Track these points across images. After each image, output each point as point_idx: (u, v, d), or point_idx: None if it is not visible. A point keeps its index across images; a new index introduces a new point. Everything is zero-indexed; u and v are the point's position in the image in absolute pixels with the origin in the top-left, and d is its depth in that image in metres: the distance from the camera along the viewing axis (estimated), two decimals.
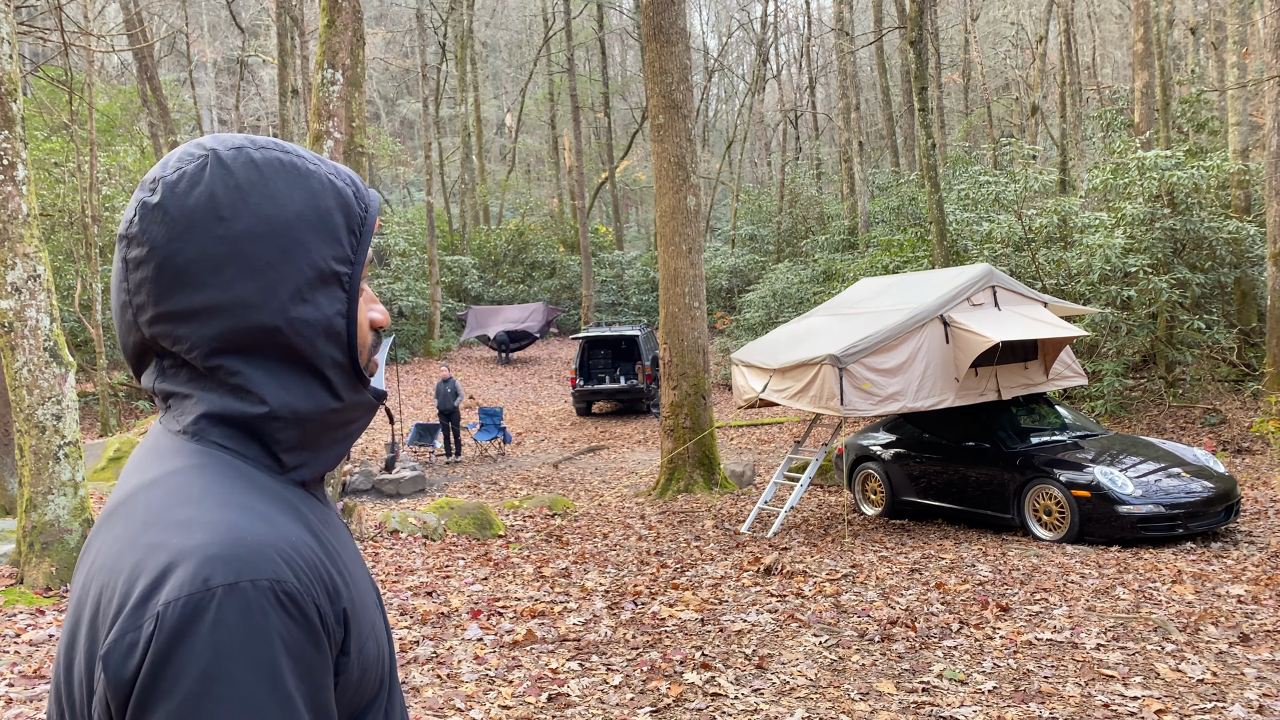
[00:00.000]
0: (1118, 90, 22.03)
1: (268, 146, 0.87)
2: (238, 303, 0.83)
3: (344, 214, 0.88)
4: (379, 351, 0.95)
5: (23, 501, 6.25)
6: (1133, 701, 3.90)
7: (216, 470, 0.82)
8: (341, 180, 0.89)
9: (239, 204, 0.83)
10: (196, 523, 0.76)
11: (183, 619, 0.70)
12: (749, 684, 4.26)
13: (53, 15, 14.19)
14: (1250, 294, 14.36)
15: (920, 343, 7.85)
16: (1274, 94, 11.44)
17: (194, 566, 0.72)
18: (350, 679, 0.82)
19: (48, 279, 6.32)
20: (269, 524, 0.78)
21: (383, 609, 0.97)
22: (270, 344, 0.84)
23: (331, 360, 0.87)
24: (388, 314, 0.93)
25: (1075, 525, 7.29)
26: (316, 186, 0.87)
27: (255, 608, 0.71)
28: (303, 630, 0.74)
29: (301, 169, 0.87)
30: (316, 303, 0.85)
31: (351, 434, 0.93)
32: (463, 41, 33.20)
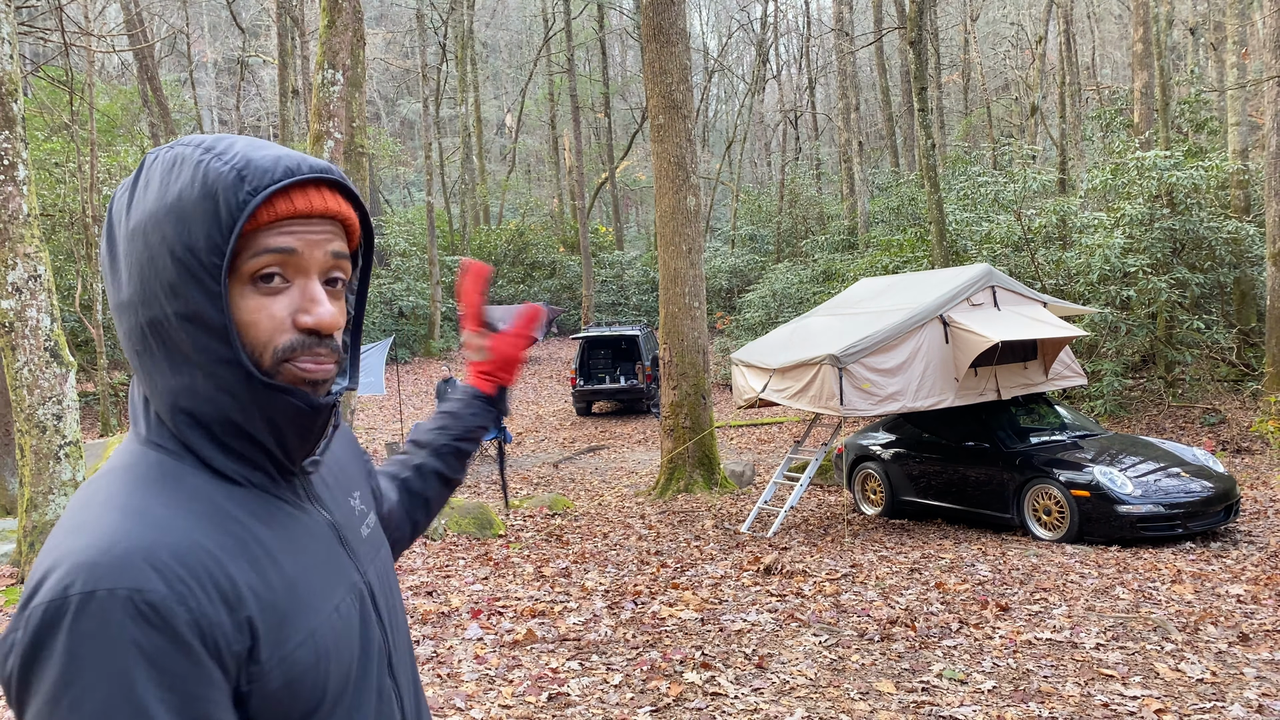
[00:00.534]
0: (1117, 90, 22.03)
1: (184, 143, 0.86)
2: (131, 300, 0.85)
3: (213, 200, 0.81)
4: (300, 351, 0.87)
5: (23, 501, 6.26)
6: (1132, 701, 3.90)
7: (140, 471, 0.84)
8: (229, 164, 0.82)
9: (136, 204, 0.85)
10: (85, 527, 0.77)
11: (43, 625, 0.72)
12: (749, 683, 4.27)
13: (53, 15, 14.19)
14: (1250, 294, 14.36)
15: (920, 343, 7.86)
16: (1273, 94, 11.45)
17: (61, 573, 0.73)
18: (267, 687, 0.80)
19: (48, 279, 6.33)
20: (158, 529, 0.78)
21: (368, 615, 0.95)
22: (160, 342, 0.85)
23: (215, 357, 0.83)
24: (327, 316, 0.86)
25: (1075, 525, 7.30)
26: (194, 175, 0.82)
27: (109, 617, 0.71)
28: (167, 639, 0.73)
29: (190, 160, 0.84)
30: (188, 296, 0.82)
31: (285, 435, 0.88)
32: (463, 42, 33.22)
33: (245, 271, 0.84)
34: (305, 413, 0.87)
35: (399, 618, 1.04)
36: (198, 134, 0.89)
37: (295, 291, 0.86)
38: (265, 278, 0.84)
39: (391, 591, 1.03)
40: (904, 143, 27.69)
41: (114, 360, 20.32)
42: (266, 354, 0.85)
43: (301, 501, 0.94)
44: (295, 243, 0.85)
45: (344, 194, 0.91)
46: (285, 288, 0.85)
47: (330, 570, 0.91)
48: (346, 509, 1.02)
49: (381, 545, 1.06)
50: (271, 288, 0.85)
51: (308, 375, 0.86)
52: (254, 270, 0.84)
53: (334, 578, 0.91)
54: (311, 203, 0.86)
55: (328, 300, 0.87)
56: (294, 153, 0.87)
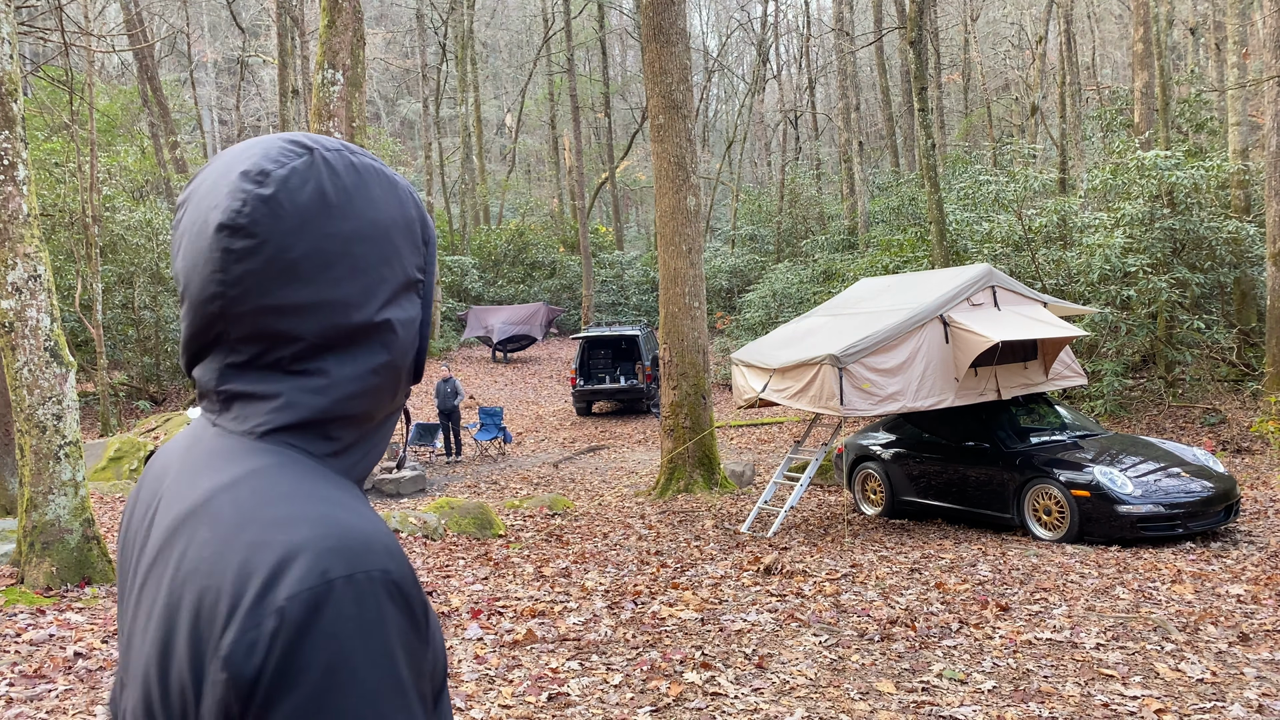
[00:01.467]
0: (1117, 90, 22.02)
1: (360, 152, 0.91)
2: (342, 301, 0.84)
3: (421, 224, 0.93)
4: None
5: (23, 501, 6.25)
6: (1132, 701, 3.90)
7: (298, 468, 0.82)
8: (414, 192, 0.93)
9: (346, 205, 0.85)
10: (298, 519, 0.76)
11: (306, 613, 0.70)
12: (749, 683, 4.27)
13: (53, 15, 14.19)
14: (1250, 294, 14.36)
15: (920, 343, 7.86)
16: (1273, 94, 11.45)
17: (310, 560, 0.72)
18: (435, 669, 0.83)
19: (48, 279, 6.33)
20: (364, 517, 0.79)
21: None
22: (365, 343, 0.86)
23: (408, 360, 0.91)
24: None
25: (1075, 525, 7.30)
26: (404, 196, 0.91)
27: (371, 599, 0.72)
28: (409, 620, 0.75)
29: (391, 177, 0.92)
30: (403, 306, 0.89)
31: (388, 434, 0.95)
32: (463, 42, 33.21)
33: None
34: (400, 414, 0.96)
35: None
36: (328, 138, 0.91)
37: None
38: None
39: None
40: (904, 142, 27.69)
41: (113, 360, 20.32)
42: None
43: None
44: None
45: None
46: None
47: None
48: None
49: None
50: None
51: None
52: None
53: None
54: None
55: None
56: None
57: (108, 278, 19.64)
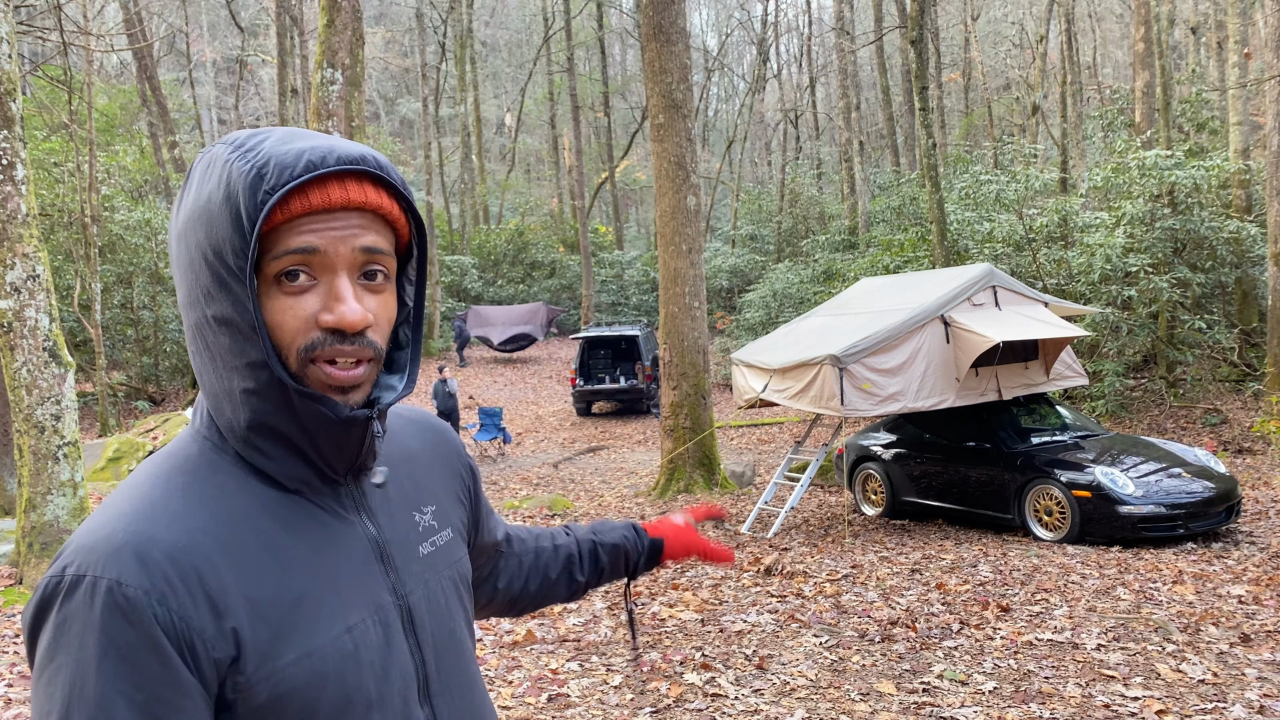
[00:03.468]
0: (1118, 90, 22.01)
1: (223, 142, 0.85)
2: (181, 303, 0.87)
3: (233, 202, 0.79)
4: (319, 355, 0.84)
5: (22, 502, 6.24)
6: (1133, 702, 3.89)
7: (177, 461, 0.86)
8: (250, 163, 0.80)
9: (182, 206, 0.86)
10: (104, 509, 0.82)
11: (44, 598, 0.77)
12: (749, 684, 4.26)
13: (52, 15, 14.17)
14: (1251, 294, 14.34)
15: (921, 343, 7.84)
16: (1275, 94, 11.43)
17: (69, 552, 0.78)
18: (252, 700, 0.80)
19: (47, 279, 6.31)
20: (162, 524, 0.79)
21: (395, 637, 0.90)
22: (205, 343, 0.85)
23: (248, 360, 0.82)
24: (349, 314, 0.82)
25: (1076, 525, 7.28)
26: (220, 177, 0.81)
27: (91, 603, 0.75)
28: (138, 635, 0.75)
29: (219, 160, 0.82)
30: (221, 299, 0.81)
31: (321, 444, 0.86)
32: (462, 41, 33.19)
33: (269, 272, 0.82)
34: (334, 423, 0.85)
35: (454, 643, 0.98)
36: (244, 130, 0.88)
37: (322, 289, 0.83)
38: (290, 276, 0.82)
39: (445, 615, 0.97)
40: (905, 142, 27.67)
41: (112, 360, 20.31)
42: (292, 355, 0.83)
43: (345, 512, 0.91)
44: (316, 240, 0.81)
45: (381, 183, 0.86)
46: (312, 285, 0.83)
47: (352, 587, 0.88)
48: (405, 524, 0.97)
49: (446, 566, 1.00)
50: (297, 286, 0.82)
51: (331, 380, 0.83)
52: (277, 270, 0.82)
53: (354, 596, 0.88)
54: (331, 196, 0.82)
55: (353, 298, 0.83)
56: (327, 144, 0.83)
57: (106, 278, 19.63)
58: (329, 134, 0.92)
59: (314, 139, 0.84)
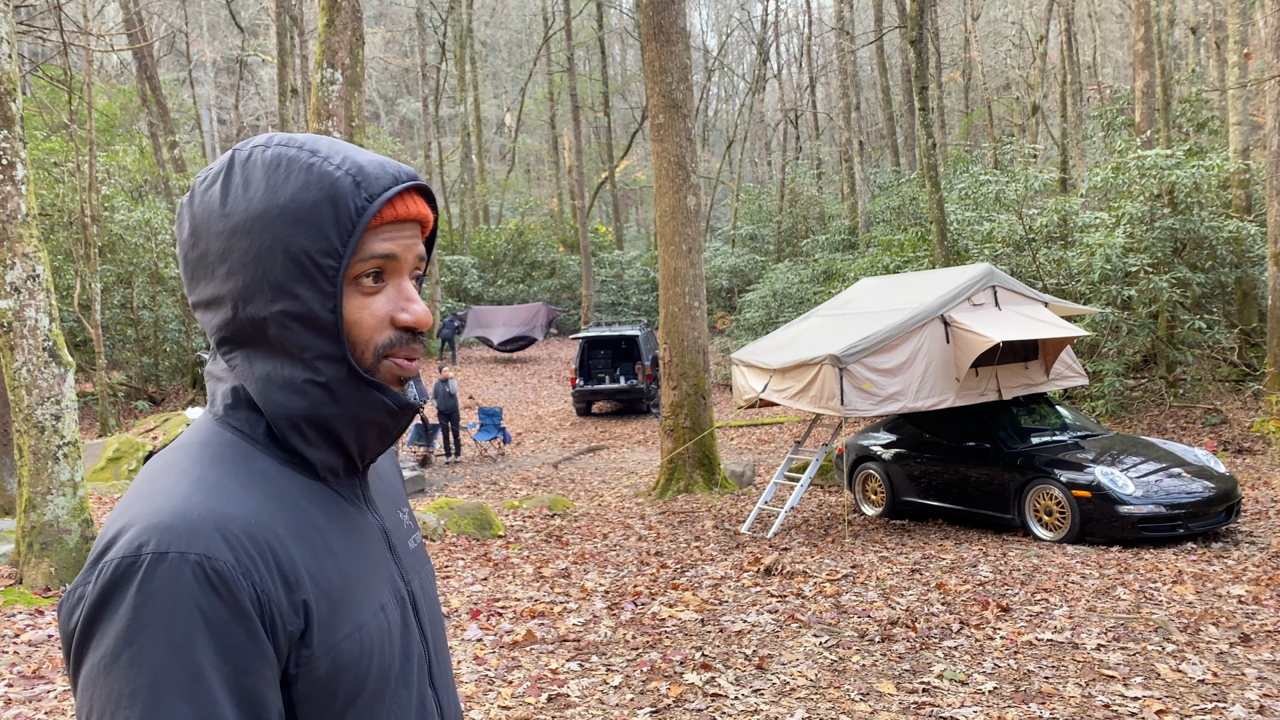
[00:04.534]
0: (1118, 90, 22.02)
1: (282, 143, 0.89)
2: (232, 295, 0.88)
3: (332, 205, 0.85)
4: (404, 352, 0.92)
5: (22, 502, 6.24)
6: (1133, 702, 3.89)
7: (213, 448, 0.88)
8: (342, 170, 0.86)
9: (238, 200, 0.87)
10: (160, 493, 0.81)
11: (113, 580, 0.75)
12: (749, 684, 4.26)
13: (52, 15, 14.17)
14: (1251, 294, 14.34)
15: (921, 343, 7.84)
16: (1275, 94, 11.43)
17: (135, 532, 0.77)
18: (314, 673, 0.83)
19: (47, 279, 6.31)
20: (230, 503, 0.81)
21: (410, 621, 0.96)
22: (262, 336, 0.88)
23: (319, 353, 0.87)
24: (424, 314, 0.91)
25: (1076, 525, 7.28)
26: (309, 179, 0.86)
27: (178, 579, 0.74)
28: (229, 609, 0.76)
29: (300, 162, 0.87)
30: (299, 296, 0.85)
31: (366, 435, 0.92)
32: (462, 41, 33.20)
33: (350, 273, 0.88)
34: (393, 411, 0.91)
35: (441, 632, 1.05)
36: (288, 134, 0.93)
37: (392, 291, 0.91)
38: (374, 277, 0.89)
39: (434, 604, 1.05)
40: (905, 142, 27.67)
41: (112, 360, 20.30)
42: (368, 351, 0.89)
43: (359, 502, 0.97)
44: (395, 247, 0.89)
45: (426, 198, 0.96)
46: (382, 287, 0.90)
47: (379, 571, 0.94)
48: (395, 519, 1.04)
49: (425, 562, 1.08)
50: (374, 288, 0.89)
51: (404, 372, 0.92)
52: (360, 272, 0.88)
53: (382, 579, 0.94)
54: (409, 209, 0.91)
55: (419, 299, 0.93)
56: (388, 159, 0.91)
57: (106, 278, 19.62)
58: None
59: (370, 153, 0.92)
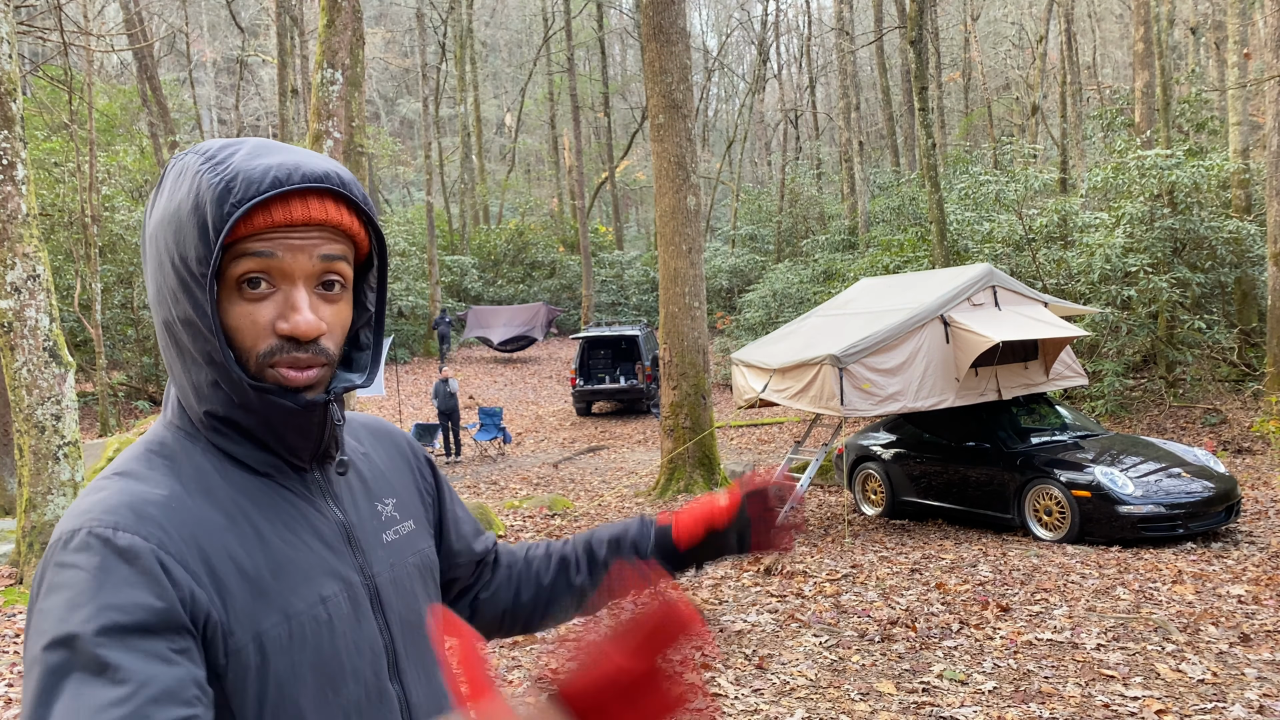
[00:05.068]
0: (1118, 90, 22.03)
1: (195, 151, 0.90)
2: (152, 300, 0.93)
3: (202, 212, 0.85)
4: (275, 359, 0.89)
5: (22, 501, 6.24)
6: (1133, 702, 3.89)
7: (151, 447, 0.92)
8: (220, 176, 0.85)
9: (153, 208, 0.92)
10: (93, 487, 0.87)
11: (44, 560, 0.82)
12: (749, 684, 4.26)
13: (52, 15, 14.18)
14: (1251, 294, 14.34)
15: (920, 343, 7.84)
16: (1274, 94, 11.44)
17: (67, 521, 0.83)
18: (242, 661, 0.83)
19: (47, 279, 6.31)
20: (152, 488, 0.85)
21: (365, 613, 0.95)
22: (174, 340, 0.91)
23: (211, 359, 0.88)
24: (304, 324, 0.87)
25: (1075, 525, 7.28)
26: (190, 186, 0.86)
27: (89, 548, 0.79)
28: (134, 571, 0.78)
29: (190, 170, 0.87)
30: (185, 302, 0.87)
31: (286, 434, 0.91)
32: (462, 41, 33.20)
33: (231, 278, 0.87)
34: (295, 412, 0.90)
35: (419, 626, 1.03)
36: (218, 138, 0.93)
37: (280, 298, 0.88)
38: (250, 283, 0.87)
39: (411, 598, 1.02)
40: (905, 142, 27.68)
41: (112, 360, 20.31)
42: (251, 359, 0.88)
43: (312, 496, 0.96)
44: (275, 249, 0.87)
45: (343, 200, 0.91)
46: (270, 293, 0.88)
47: (324, 563, 0.93)
48: (368, 512, 1.02)
49: (410, 554, 1.05)
50: (257, 294, 0.87)
51: (287, 382, 0.89)
52: (237, 276, 0.87)
53: (327, 570, 0.93)
54: (293, 214, 0.87)
55: (308, 307, 0.88)
56: (293, 159, 0.88)
57: (107, 278, 19.63)
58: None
59: (283, 154, 0.88)
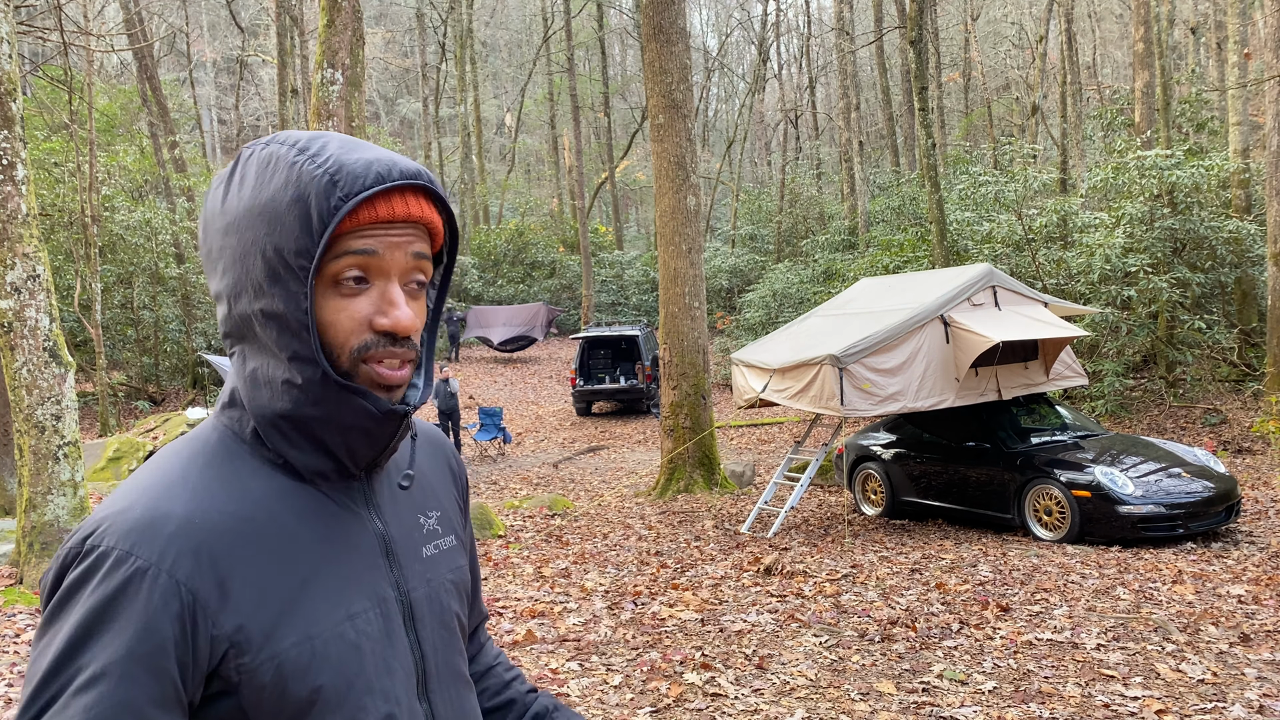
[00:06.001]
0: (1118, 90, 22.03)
1: (280, 141, 0.89)
2: (226, 291, 0.90)
3: (305, 204, 0.83)
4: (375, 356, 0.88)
5: (22, 501, 6.24)
6: (1133, 702, 3.89)
7: (197, 446, 0.90)
8: (322, 169, 0.84)
9: (233, 198, 0.89)
10: (127, 490, 0.85)
11: (60, 566, 0.81)
12: (749, 684, 4.26)
13: (52, 15, 14.18)
14: (1250, 294, 14.35)
15: (920, 343, 7.84)
16: (1274, 94, 11.44)
17: (90, 523, 0.82)
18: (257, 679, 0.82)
19: (47, 279, 6.31)
20: (177, 502, 0.83)
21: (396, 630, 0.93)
22: (250, 334, 0.89)
23: (294, 354, 0.86)
24: (403, 319, 0.87)
25: (1075, 525, 7.29)
26: (288, 178, 0.85)
27: (98, 570, 0.79)
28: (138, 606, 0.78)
29: (284, 160, 0.86)
30: (274, 295, 0.85)
31: (352, 439, 0.89)
32: (462, 41, 33.20)
33: (329, 273, 0.86)
34: (375, 416, 0.88)
35: (451, 643, 1.01)
36: (295, 131, 0.92)
37: (375, 293, 0.88)
38: (348, 279, 0.86)
39: (445, 615, 1.00)
40: (904, 142, 27.68)
41: (113, 360, 20.30)
42: (344, 354, 0.87)
43: (356, 506, 0.94)
44: (377, 245, 0.86)
45: (430, 196, 0.92)
46: (365, 289, 0.87)
47: (358, 578, 0.91)
48: (410, 524, 1.00)
49: (447, 570, 1.03)
50: (353, 289, 0.87)
51: (382, 380, 0.88)
52: (337, 272, 0.86)
53: (359, 587, 0.91)
54: (395, 210, 0.87)
55: (405, 303, 0.88)
56: (386, 156, 0.88)
57: (107, 278, 19.62)
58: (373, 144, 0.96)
59: (376, 151, 0.88)
